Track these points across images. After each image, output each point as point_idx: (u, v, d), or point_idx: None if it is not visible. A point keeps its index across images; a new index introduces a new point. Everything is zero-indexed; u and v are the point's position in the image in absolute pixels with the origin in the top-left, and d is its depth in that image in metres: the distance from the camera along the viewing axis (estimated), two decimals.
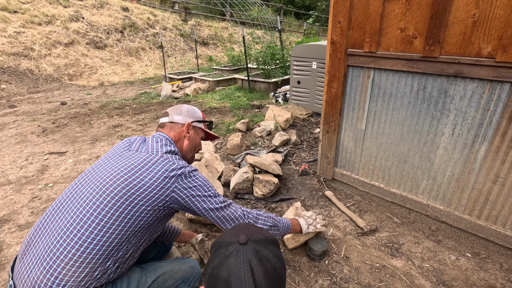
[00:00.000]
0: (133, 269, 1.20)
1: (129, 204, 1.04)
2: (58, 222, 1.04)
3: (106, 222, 1.01)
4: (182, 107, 1.38)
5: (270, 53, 5.91)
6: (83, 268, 0.98)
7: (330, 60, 2.06)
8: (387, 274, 1.63)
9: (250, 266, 0.57)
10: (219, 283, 0.56)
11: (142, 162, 1.12)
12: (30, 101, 6.00)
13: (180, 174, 1.12)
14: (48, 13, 8.73)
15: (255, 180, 2.36)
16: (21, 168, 2.98)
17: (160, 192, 1.08)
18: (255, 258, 0.58)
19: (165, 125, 1.33)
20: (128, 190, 1.05)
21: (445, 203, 1.86)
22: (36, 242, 1.04)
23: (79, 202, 1.05)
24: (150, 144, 1.21)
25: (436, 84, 1.68)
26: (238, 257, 0.58)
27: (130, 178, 1.07)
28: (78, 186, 1.12)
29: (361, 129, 2.11)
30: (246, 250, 0.59)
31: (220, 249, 0.62)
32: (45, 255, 0.98)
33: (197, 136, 1.40)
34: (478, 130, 1.60)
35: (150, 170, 1.10)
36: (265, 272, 0.57)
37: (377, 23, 1.76)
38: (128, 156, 1.16)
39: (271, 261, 0.60)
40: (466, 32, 1.48)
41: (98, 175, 1.11)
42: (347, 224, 2.04)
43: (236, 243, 0.61)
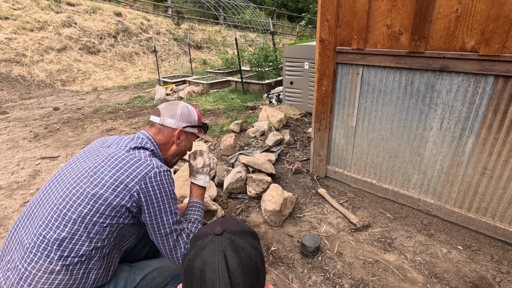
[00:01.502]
0: (121, 267, 1.17)
1: (90, 209, 0.97)
2: (29, 229, 0.99)
3: (70, 229, 0.96)
4: (177, 108, 1.25)
5: (263, 55, 5.95)
6: (56, 275, 0.94)
7: (320, 58, 2.08)
8: (380, 268, 1.64)
9: (224, 255, 0.57)
10: (194, 274, 0.56)
11: (105, 159, 1.04)
12: (22, 107, 5.94)
13: (144, 175, 1.02)
14: (40, 19, 8.69)
15: (248, 179, 2.36)
16: (12, 174, 2.94)
17: (121, 196, 0.99)
18: (229, 248, 0.58)
19: (154, 126, 1.23)
20: (89, 192, 0.98)
21: (436, 197, 1.88)
22: (10, 249, 1.01)
23: (46, 208, 1.00)
24: (123, 140, 1.14)
25: (423, 79, 1.70)
26: (213, 247, 0.58)
27: (92, 178, 1.00)
28: (47, 190, 1.06)
29: (352, 126, 2.13)
30: (221, 240, 0.59)
31: (196, 242, 0.62)
32: (18, 262, 0.95)
33: (187, 141, 1.30)
34: (465, 123, 1.63)
35: (112, 167, 1.01)
36: (240, 260, 0.57)
37: (364, 21, 1.79)
38: (97, 153, 1.09)
39: (246, 250, 0.59)
40: (450, 27, 1.51)
41: (66, 177, 1.05)
42: (340, 220, 2.04)
43: (211, 234, 0.61)
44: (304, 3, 20.61)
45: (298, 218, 2.08)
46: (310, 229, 1.97)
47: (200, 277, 0.55)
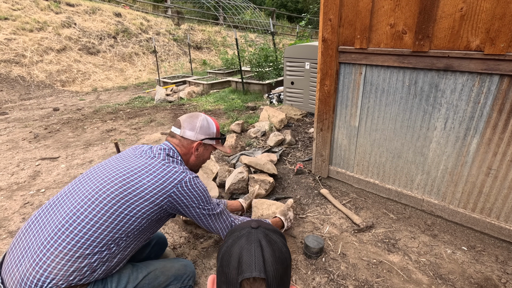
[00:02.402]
0: (124, 265, 1.19)
1: (123, 204, 1.05)
2: (53, 217, 1.04)
3: (98, 219, 1.02)
4: (196, 121, 1.33)
5: (264, 55, 5.94)
6: (72, 262, 0.98)
7: (322, 58, 2.07)
8: (384, 269, 1.62)
9: (260, 244, 0.63)
10: (232, 257, 0.62)
11: (142, 166, 1.15)
12: (22, 108, 5.92)
13: (179, 180, 1.15)
14: (40, 20, 8.67)
15: (250, 180, 2.34)
16: (12, 175, 2.92)
17: (157, 196, 1.10)
18: (264, 239, 0.64)
19: (175, 137, 1.33)
20: (125, 190, 1.07)
21: (440, 197, 1.87)
22: (27, 236, 1.04)
23: (76, 199, 1.06)
24: (154, 150, 1.24)
25: (427, 79, 1.69)
26: (250, 237, 0.64)
27: (128, 179, 1.09)
28: (77, 185, 1.13)
29: (355, 126, 2.12)
30: (257, 232, 0.66)
31: (233, 233, 0.69)
32: (36, 248, 0.98)
33: (206, 152, 1.40)
34: (470, 123, 1.61)
35: (149, 174, 1.12)
36: (273, 252, 0.62)
37: (367, 20, 1.78)
38: (131, 160, 1.19)
39: (278, 244, 0.65)
40: (455, 26, 1.50)
41: (98, 175, 1.13)
42: (343, 221, 2.03)
43: (248, 227, 0.68)
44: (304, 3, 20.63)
45: (301, 219, 2.07)
46: (313, 230, 1.95)
47: (237, 260, 0.61)
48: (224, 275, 0.61)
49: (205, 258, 1.73)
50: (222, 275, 0.62)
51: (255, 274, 0.58)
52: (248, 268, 0.58)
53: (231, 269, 0.60)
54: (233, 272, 0.60)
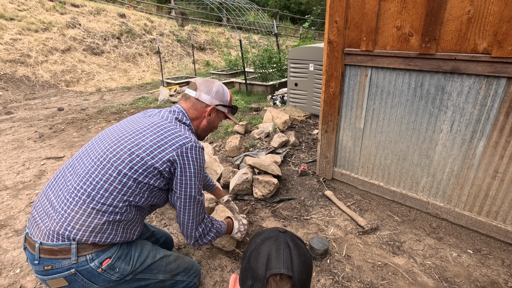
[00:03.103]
0: (146, 242, 1.28)
1: (127, 164, 1.07)
2: (70, 178, 1.09)
3: (107, 178, 1.06)
4: (213, 86, 1.32)
5: (267, 56, 5.95)
6: (92, 218, 1.03)
7: (328, 60, 2.07)
8: (389, 272, 1.62)
9: (288, 246, 0.66)
10: (261, 256, 0.64)
11: (150, 125, 1.15)
12: (27, 107, 5.97)
13: (182, 145, 1.12)
14: (45, 20, 8.74)
15: (254, 181, 2.35)
16: (17, 174, 2.95)
17: (158, 157, 1.08)
18: (292, 242, 0.67)
19: (189, 100, 1.30)
20: (129, 149, 1.08)
21: (445, 200, 1.86)
22: (50, 194, 1.10)
23: (89, 161, 1.11)
24: (163, 112, 1.24)
25: (433, 81, 1.69)
26: (278, 239, 0.68)
27: (133, 138, 1.11)
28: (90, 147, 1.17)
29: (360, 127, 2.12)
30: (285, 236, 0.69)
31: (262, 234, 0.72)
32: (58, 206, 1.04)
33: (217, 119, 1.38)
34: (476, 125, 1.61)
35: (154, 133, 1.12)
36: (299, 254, 0.65)
37: (373, 22, 1.78)
38: (139, 121, 1.19)
39: (304, 249, 0.69)
40: (462, 29, 1.50)
41: (109, 137, 1.15)
42: (347, 223, 2.03)
43: (276, 230, 0.71)
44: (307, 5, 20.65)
45: (305, 221, 2.07)
46: (318, 232, 1.95)
47: (266, 257, 0.63)
48: (251, 271, 0.64)
49: (209, 259, 1.74)
50: (249, 270, 0.64)
51: (283, 270, 0.60)
52: (277, 265, 0.61)
53: (259, 265, 0.63)
54: (261, 268, 0.62)
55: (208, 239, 1.33)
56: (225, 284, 1.56)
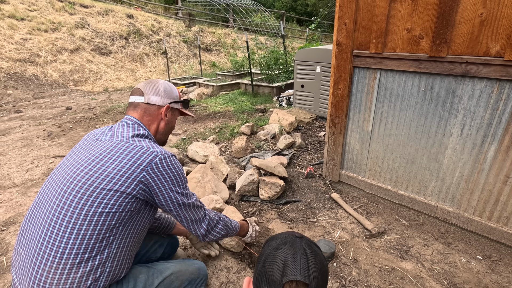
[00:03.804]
0: (139, 269, 1.17)
1: (93, 202, 0.95)
2: (33, 231, 0.99)
3: (73, 224, 0.93)
4: (159, 85, 1.23)
5: (274, 58, 5.95)
6: (67, 275, 0.92)
7: (336, 62, 2.06)
8: (396, 276, 1.60)
9: (305, 252, 0.64)
10: (277, 261, 0.63)
11: (105, 151, 1.02)
12: (36, 106, 6.06)
13: (150, 162, 1.01)
14: (55, 20, 8.88)
15: (260, 182, 2.34)
16: (26, 171, 2.99)
17: (126, 184, 0.98)
18: (308, 249, 0.65)
19: (138, 107, 1.19)
20: (90, 185, 0.96)
21: (454, 205, 1.84)
22: (21, 252, 1.01)
23: (47, 208, 0.99)
24: (115, 130, 1.11)
25: (444, 84, 1.67)
26: (294, 244, 0.66)
27: (91, 171, 0.98)
28: (45, 190, 1.05)
29: (368, 130, 2.10)
30: (301, 241, 0.67)
31: (277, 238, 0.70)
32: (29, 267, 0.95)
33: (173, 117, 1.30)
34: (487, 130, 1.59)
35: (114, 159, 1.00)
36: (316, 262, 0.64)
37: (383, 24, 1.77)
38: (91, 147, 1.06)
39: (320, 256, 0.67)
40: (474, 32, 1.48)
41: (61, 174, 1.03)
42: (354, 226, 2.01)
43: (292, 235, 0.69)
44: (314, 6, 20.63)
45: (312, 223, 2.06)
46: (324, 234, 1.94)
47: (283, 263, 0.62)
48: (266, 276, 0.62)
49: (216, 260, 1.74)
50: (264, 275, 0.63)
51: (299, 278, 0.59)
52: (293, 272, 0.60)
53: (275, 270, 0.61)
54: (277, 273, 0.61)
55: (217, 231, 1.28)
56: (231, 286, 1.55)
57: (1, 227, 2.12)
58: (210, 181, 2.33)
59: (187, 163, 3.02)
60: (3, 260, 1.81)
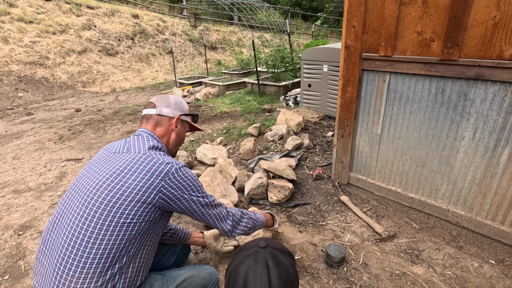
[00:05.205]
0: (154, 276, 1.20)
1: (115, 212, 1.00)
2: (56, 241, 1.03)
3: (97, 235, 0.98)
4: (170, 99, 1.32)
5: (280, 56, 5.92)
6: (88, 285, 0.96)
7: (345, 65, 2.05)
8: (408, 281, 1.60)
9: (267, 265, 0.64)
10: (239, 277, 0.64)
11: (124, 164, 1.07)
12: (46, 108, 6.17)
13: (166, 172, 1.07)
14: (62, 23, 8.98)
15: (269, 185, 2.35)
16: (40, 175, 3.06)
17: (146, 194, 1.03)
18: (271, 260, 0.65)
19: (151, 118, 1.27)
20: (112, 196, 1.01)
21: (466, 208, 1.82)
22: (44, 262, 1.05)
23: (70, 218, 1.03)
24: (131, 143, 1.17)
25: (455, 87, 1.65)
26: (257, 256, 0.66)
27: (113, 183, 1.03)
28: (67, 201, 1.10)
29: (377, 133, 2.09)
30: (264, 252, 0.67)
31: (242, 251, 0.71)
32: (52, 277, 0.99)
33: (183, 130, 1.37)
34: (501, 133, 1.56)
35: (133, 171, 1.05)
36: (279, 273, 0.64)
37: (392, 27, 1.75)
38: (110, 160, 1.11)
39: (285, 265, 0.66)
40: (487, 35, 1.45)
41: (84, 186, 1.07)
42: (364, 229, 2.01)
43: (256, 246, 0.69)
44: (319, 2, 20.38)
45: (321, 226, 2.06)
46: (334, 238, 1.95)
47: (244, 280, 0.62)
48: None
49: (226, 264, 1.76)
50: None
51: None
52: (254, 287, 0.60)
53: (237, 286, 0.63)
54: None
55: (243, 225, 1.37)
56: None
57: (18, 231, 2.18)
58: (220, 185, 2.36)
59: (196, 165, 3.05)
60: (21, 265, 1.87)
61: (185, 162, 2.87)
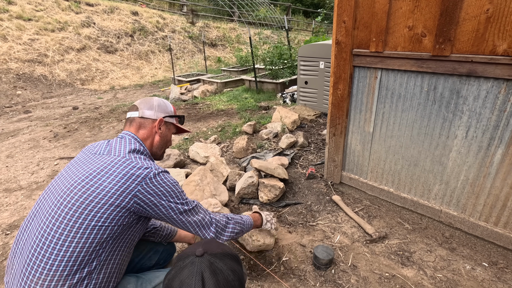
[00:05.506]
0: (128, 279, 1.17)
1: (87, 215, 0.97)
2: (27, 241, 1.01)
3: (66, 237, 0.95)
4: (153, 101, 1.29)
5: (278, 53, 5.85)
6: (54, 287, 0.93)
7: (336, 61, 1.99)
8: (397, 284, 1.56)
9: (202, 277, 0.61)
10: None
11: (102, 166, 1.05)
12: (44, 106, 6.16)
13: (143, 177, 1.04)
14: (61, 20, 8.95)
15: (260, 184, 2.31)
16: (32, 174, 3.04)
17: (121, 198, 1.00)
18: (208, 270, 0.62)
19: (134, 121, 1.24)
20: (86, 198, 0.98)
21: (459, 209, 1.77)
22: (14, 260, 1.03)
23: (42, 219, 1.01)
24: (113, 145, 1.14)
25: (448, 84, 1.59)
26: (192, 268, 0.63)
27: (88, 185, 1.00)
28: (42, 202, 1.07)
29: (369, 131, 2.04)
30: (200, 261, 0.64)
31: (178, 262, 0.67)
32: (18, 276, 0.97)
33: (168, 131, 1.33)
34: (494, 132, 1.50)
35: (110, 174, 1.02)
36: (217, 283, 0.61)
37: (383, 22, 1.69)
38: (89, 161, 1.09)
39: (224, 273, 0.63)
40: (479, 29, 1.39)
41: (59, 187, 1.05)
42: (355, 230, 1.97)
43: (192, 255, 0.66)
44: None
45: (311, 227, 2.02)
46: (324, 239, 1.90)
47: None
48: None
49: None
50: None
51: None
52: None
53: None
54: None
55: (229, 231, 1.28)
56: None
57: (5, 231, 2.16)
58: (209, 184, 2.32)
59: (188, 164, 3.01)
60: (5, 265, 1.85)
61: (177, 161, 2.83)
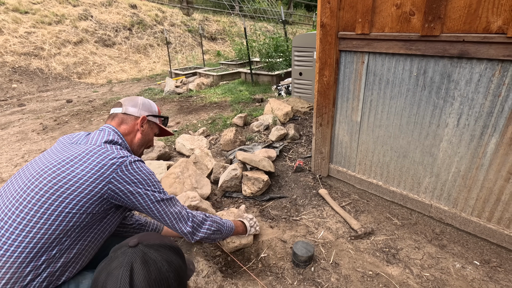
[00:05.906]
0: (85, 274, 1.09)
1: (55, 200, 0.93)
2: None
3: (28, 221, 0.91)
4: (138, 99, 1.29)
5: (274, 44, 5.71)
6: (10, 271, 0.89)
7: (321, 46, 1.87)
8: (380, 283, 1.45)
9: (131, 267, 0.57)
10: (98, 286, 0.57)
11: (76, 153, 1.02)
12: (39, 99, 6.10)
13: (119, 164, 1.02)
14: (58, 13, 8.87)
15: (243, 177, 2.21)
16: (15, 166, 2.97)
17: (93, 185, 0.97)
18: (139, 260, 0.59)
19: (116, 116, 1.23)
20: (55, 183, 0.95)
21: (450, 204, 1.64)
22: None
23: (5, 202, 0.97)
24: (92, 136, 1.12)
25: (438, 68, 1.46)
26: (122, 259, 0.59)
27: (59, 170, 0.98)
28: (8, 185, 1.03)
29: (357, 121, 1.91)
30: (132, 252, 0.60)
31: (111, 253, 0.64)
32: None
33: (150, 131, 1.32)
34: (487, 119, 1.38)
35: (83, 161, 1.00)
36: (147, 274, 0.57)
37: (369, 0, 1.55)
38: (65, 149, 1.06)
39: (157, 264, 0.60)
40: (472, 4, 1.26)
41: (28, 172, 1.02)
42: (340, 225, 1.86)
43: (126, 246, 0.63)
44: None
45: (295, 222, 1.91)
46: (306, 235, 1.80)
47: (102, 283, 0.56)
48: None
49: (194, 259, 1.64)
50: None
51: None
52: None
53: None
54: None
55: (206, 228, 1.24)
56: None
57: None
58: (191, 176, 2.22)
59: (174, 156, 2.92)
60: None
61: (161, 153, 2.74)
